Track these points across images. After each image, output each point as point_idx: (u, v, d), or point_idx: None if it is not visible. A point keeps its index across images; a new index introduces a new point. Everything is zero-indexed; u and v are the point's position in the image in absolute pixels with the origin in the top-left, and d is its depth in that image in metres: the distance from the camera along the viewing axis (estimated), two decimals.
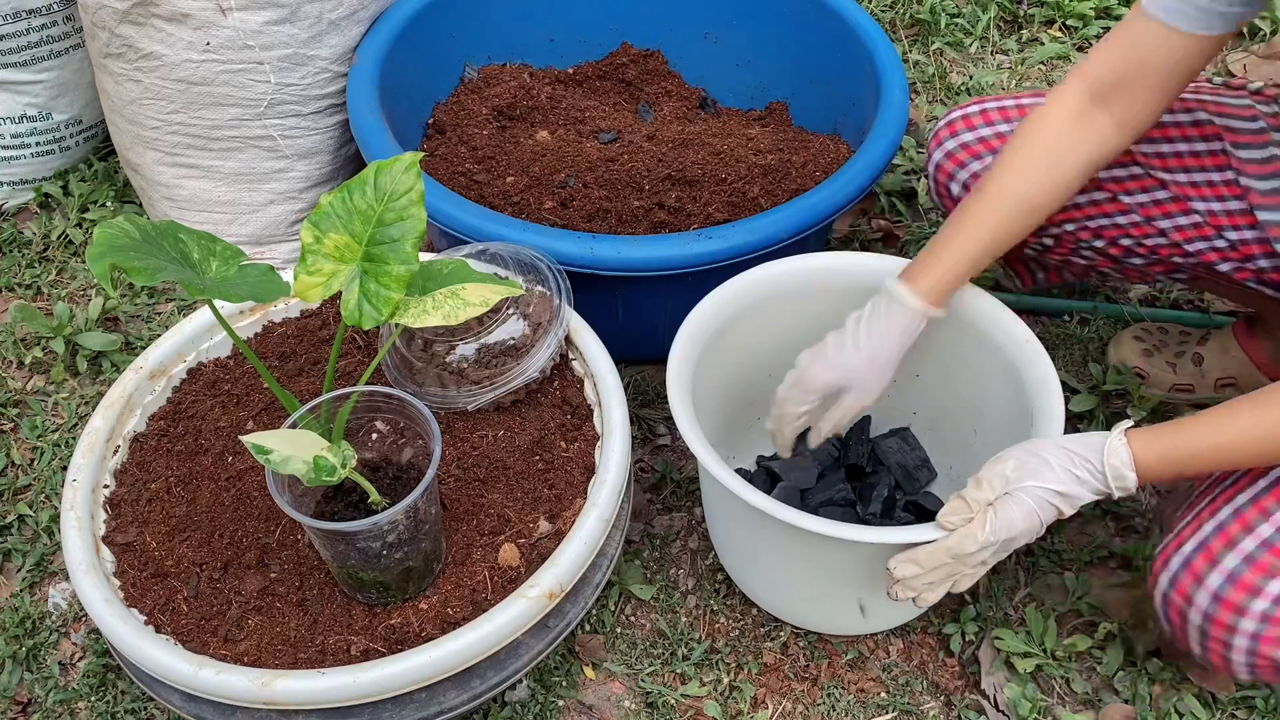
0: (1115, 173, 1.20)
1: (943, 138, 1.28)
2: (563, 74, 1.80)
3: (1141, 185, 1.19)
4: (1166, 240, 1.20)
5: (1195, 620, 1.00)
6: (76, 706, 1.20)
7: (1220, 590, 0.97)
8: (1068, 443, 0.99)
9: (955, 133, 1.27)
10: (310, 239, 1.00)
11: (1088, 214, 1.22)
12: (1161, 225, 1.19)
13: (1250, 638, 0.97)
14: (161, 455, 1.20)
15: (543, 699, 1.19)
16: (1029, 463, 0.98)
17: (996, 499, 0.98)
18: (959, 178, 1.27)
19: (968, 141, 1.26)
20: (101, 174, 1.79)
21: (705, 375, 1.19)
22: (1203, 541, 1.00)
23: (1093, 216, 1.22)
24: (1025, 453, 0.99)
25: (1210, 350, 1.44)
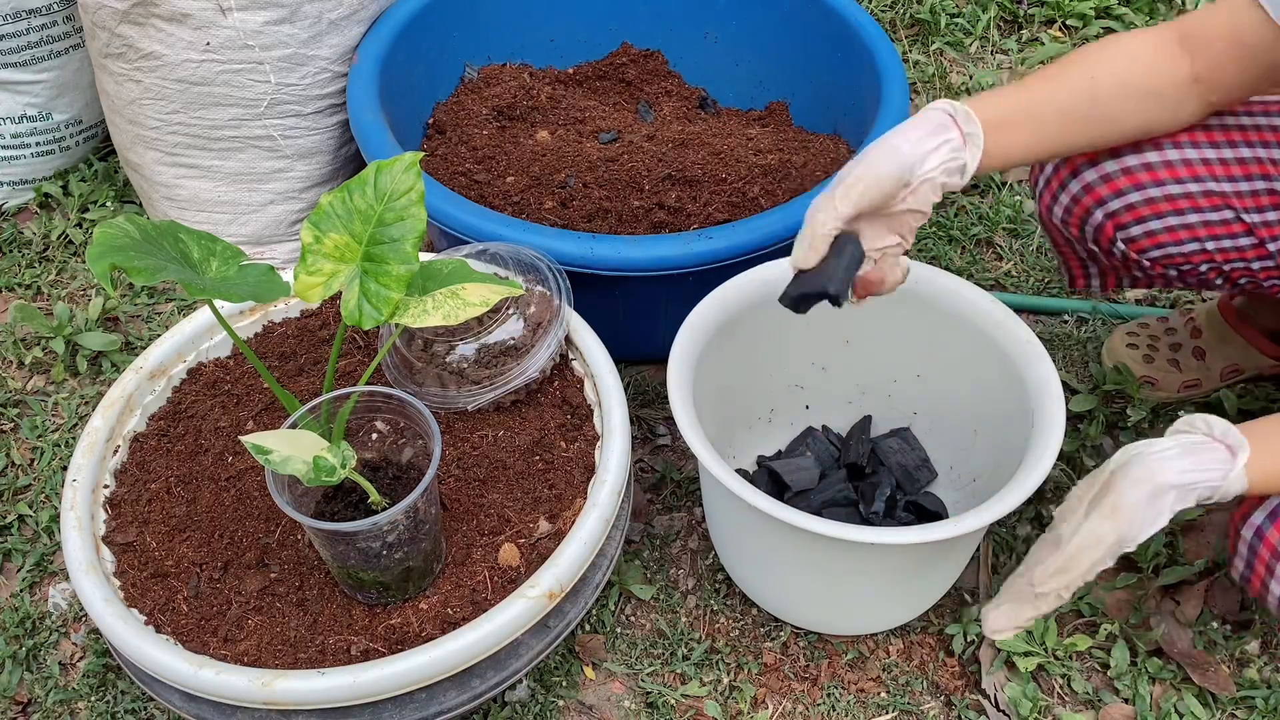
0: (1268, 215, 1.12)
1: (1095, 154, 1.14)
2: (563, 74, 1.80)
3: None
4: (1273, 263, 1.15)
5: None
6: (76, 706, 1.20)
7: None
8: (1173, 479, 0.92)
9: (1116, 151, 1.13)
10: (310, 239, 1.00)
11: (1228, 257, 1.14)
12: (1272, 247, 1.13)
13: None
14: (161, 455, 1.20)
15: (543, 699, 1.19)
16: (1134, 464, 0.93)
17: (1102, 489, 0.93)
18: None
19: (1130, 167, 1.13)
20: (101, 174, 1.79)
21: (705, 375, 1.19)
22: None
23: (1231, 260, 1.14)
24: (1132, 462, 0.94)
25: (1209, 342, 1.44)
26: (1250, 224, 1.12)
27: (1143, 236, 1.13)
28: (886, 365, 1.33)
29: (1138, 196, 1.12)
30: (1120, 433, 1.42)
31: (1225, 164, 1.12)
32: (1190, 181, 1.11)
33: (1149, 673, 1.20)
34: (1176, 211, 1.12)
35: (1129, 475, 0.92)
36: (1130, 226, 1.13)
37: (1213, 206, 1.12)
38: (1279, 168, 1.13)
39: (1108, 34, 2.06)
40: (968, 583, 1.29)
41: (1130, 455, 0.94)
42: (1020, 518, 1.34)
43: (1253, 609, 1.25)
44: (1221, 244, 1.13)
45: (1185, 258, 1.14)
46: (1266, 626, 1.24)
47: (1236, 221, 1.12)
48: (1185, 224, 1.12)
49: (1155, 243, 1.13)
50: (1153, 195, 1.11)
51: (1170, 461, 0.92)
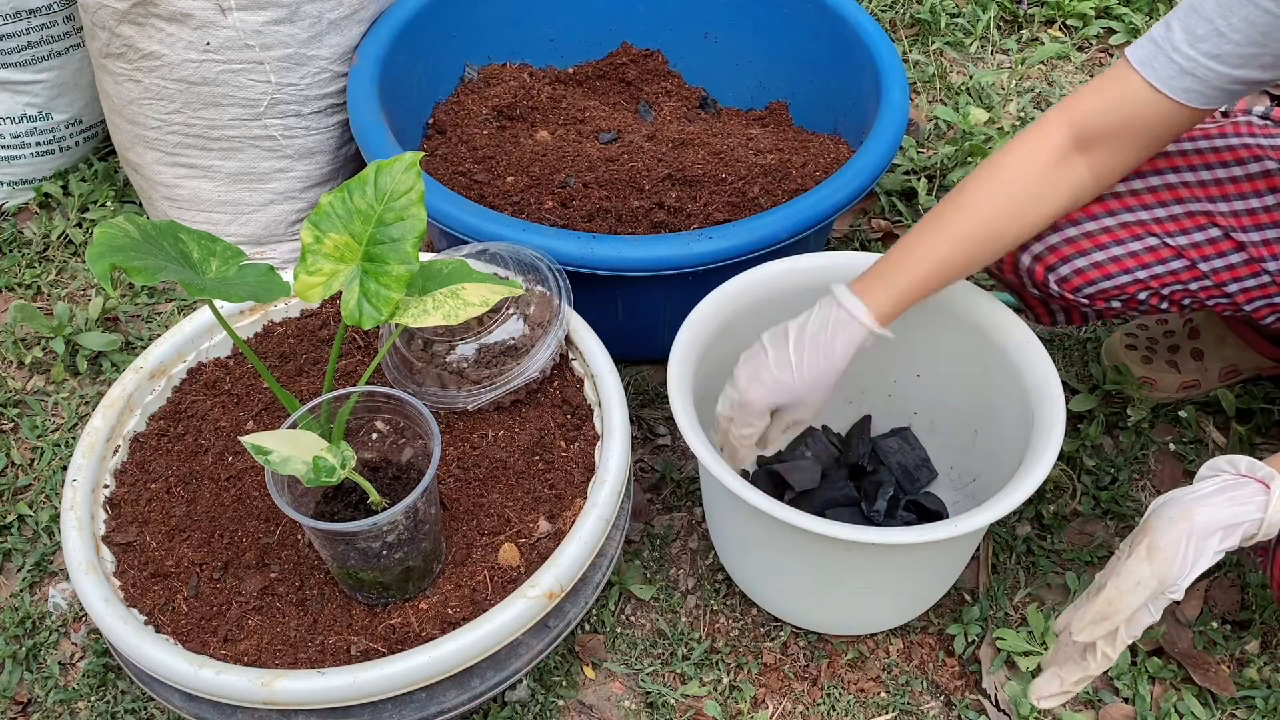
0: (1194, 237, 1.13)
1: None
2: (563, 74, 1.80)
3: (1219, 250, 1.13)
4: (1228, 300, 1.16)
5: None
6: (76, 706, 1.20)
7: None
8: (1209, 520, 0.89)
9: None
10: (310, 239, 1.00)
11: (1163, 283, 1.14)
12: (1230, 289, 1.15)
13: None
14: (161, 455, 1.20)
15: (543, 699, 1.19)
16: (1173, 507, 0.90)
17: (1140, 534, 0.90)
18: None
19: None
20: (101, 174, 1.79)
21: (705, 375, 1.19)
22: None
23: (1166, 284, 1.15)
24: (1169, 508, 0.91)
25: (1207, 343, 1.44)
26: (1176, 247, 1.13)
27: (1073, 275, 1.14)
28: (886, 365, 1.33)
29: (1056, 238, 1.13)
30: (1120, 433, 1.42)
31: (1136, 194, 1.14)
32: (1106, 217, 1.13)
33: (1149, 672, 1.20)
34: (1099, 247, 1.13)
35: (1163, 516, 0.90)
36: (1058, 267, 1.14)
37: (1134, 236, 1.13)
38: (1190, 189, 1.14)
39: (1107, 34, 2.07)
40: (968, 583, 1.29)
41: (1163, 500, 0.92)
42: (1020, 518, 1.34)
43: (1252, 608, 1.25)
44: (1153, 270, 1.14)
45: (1120, 289, 1.14)
46: (1266, 626, 1.24)
47: (1163, 247, 1.13)
48: (1111, 257, 1.13)
49: (1086, 280, 1.14)
50: (1071, 235, 1.13)
51: (1206, 499, 0.89)
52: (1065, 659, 0.94)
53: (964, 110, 1.86)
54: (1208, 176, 1.14)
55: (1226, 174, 1.14)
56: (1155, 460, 1.41)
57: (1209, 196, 1.14)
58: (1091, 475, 1.38)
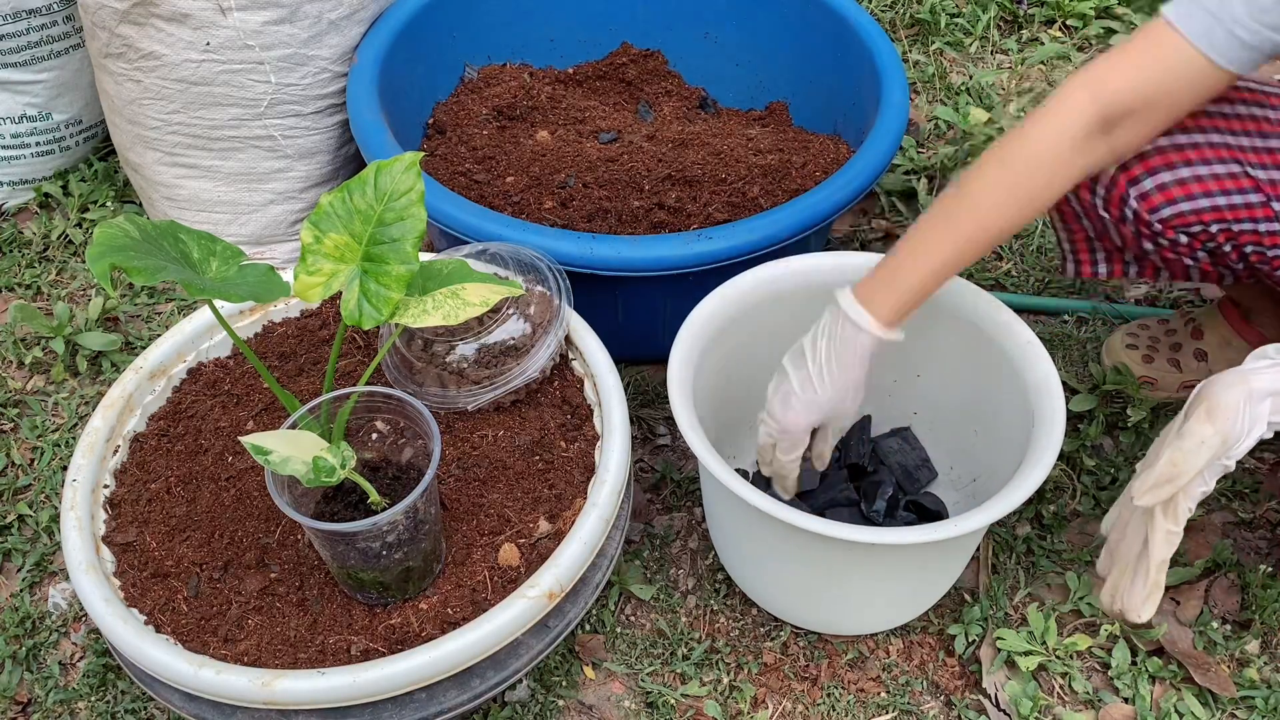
0: (1274, 174, 1.11)
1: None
2: (563, 74, 1.80)
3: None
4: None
5: None
6: (76, 706, 1.20)
7: None
8: (1267, 386, 0.91)
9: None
10: (310, 239, 1.00)
11: (1238, 215, 1.12)
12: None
13: None
14: (161, 455, 1.20)
15: (543, 699, 1.19)
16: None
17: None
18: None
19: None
20: (101, 174, 1.79)
21: (705, 375, 1.19)
22: None
23: (1241, 218, 1.12)
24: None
25: (1211, 344, 1.43)
26: (1257, 179, 1.11)
27: (1155, 191, 1.12)
28: (886, 365, 1.33)
29: (1148, 146, 1.11)
30: (1120, 433, 1.42)
31: (1240, 119, 1.12)
32: (1197, 133, 1.11)
33: (1149, 672, 1.20)
34: (1186, 162, 1.11)
35: (1219, 382, 0.91)
36: (1142, 180, 1.12)
37: (1220, 159, 1.11)
38: (1274, 125, 1.12)
39: (1107, 34, 2.07)
40: (968, 583, 1.29)
41: (1214, 376, 0.92)
42: (1020, 518, 1.34)
43: (1252, 608, 1.26)
44: (1232, 199, 1.12)
45: (1197, 215, 1.12)
46: (1266, 626, 1.24)
47: (1245, 176, 1.11)
48: (1196, 175, 1.11)
49: (1167, 198, 1.12)
50: (1162, 144, 1.11)
51: (1259, 371, 0.91)
52: (1127, 557, 0.94)
53: (964, 110, 1.86)
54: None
55: None
56: None
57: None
58: (1091, 475, 1.38)
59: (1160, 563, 0.93)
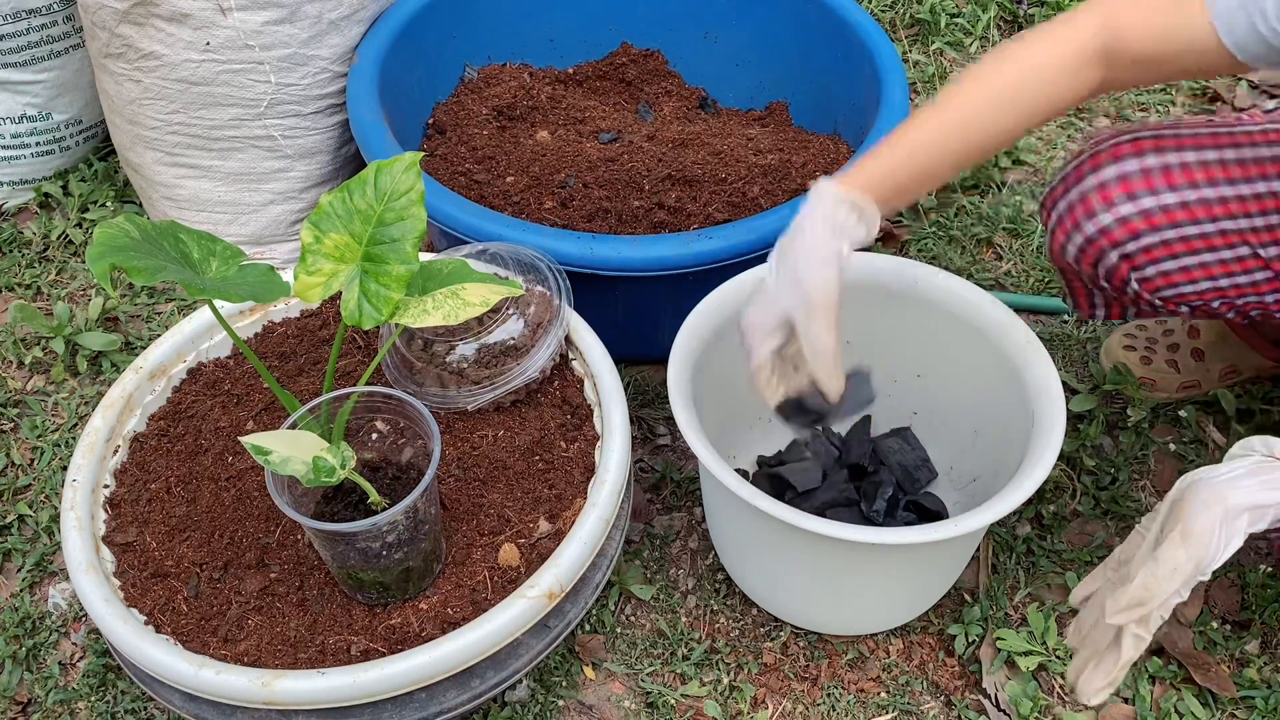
0: (1271, 253, 1.11)
1: (1113, 198, 1.10)
2: (563, 74, 1.80)
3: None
4: None
5: None
6: (76, 706, 1.20)
7: None
8: (1240, 504, 0.88)
9: (1132, 195, 1.10)
10: (310, 239, 1.00)
11: (1242, 292, 1.12)
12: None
13: None
14: (161, 455, 1.20)
15: (543, 699, 1.19)
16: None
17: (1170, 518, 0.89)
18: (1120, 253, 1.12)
19: (1148, 210, 1.09)
20: (101, 174, 1.79)
21: (705, 375, 1.19)
22: None
23: (1245, 294, 1.13)
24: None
25: (1208, 344, 1.44)
26: (1266, 259, 1.10)
27: (1157, 277, 1.12)
28: (886, 365, 1.33)
29: (1154, 239, 1.10)
30: (1120, 433, 1.42)
31: (1243, 201, 1.10)
32: (1207, 222, 1.09)
33: (1149, 672, 1.20)
34: (1191, 252, 1.10)
35: (1197, 499, 0.89)
36: (1145, 268, 1.12)
37: (1228, 245, 1.10)
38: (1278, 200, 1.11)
39: None
40: (968, 583, 1.29)
41: (1192, 481, 0.90)
42: (1020, 518, 1.34)
43: (1252, 608, 1.26)
44: (1236, 280, 1.12)
45: (1198, 295, 1.13)
46: (1266, 626, 1.24)
47: (1252, 257, 1.11)
48: (1201, 263, 1.11)
49: (1169, 282, 1.12)
50: (1168, 238, 1.10)
51: (1238, 482, 0.88)
52: (1096, 645, 0.93)
53: None
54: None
55: None
56: (1155, 460, 1.40)
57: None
58: (1091, 475, 1.38)
59: (1126, 663, 0.92)
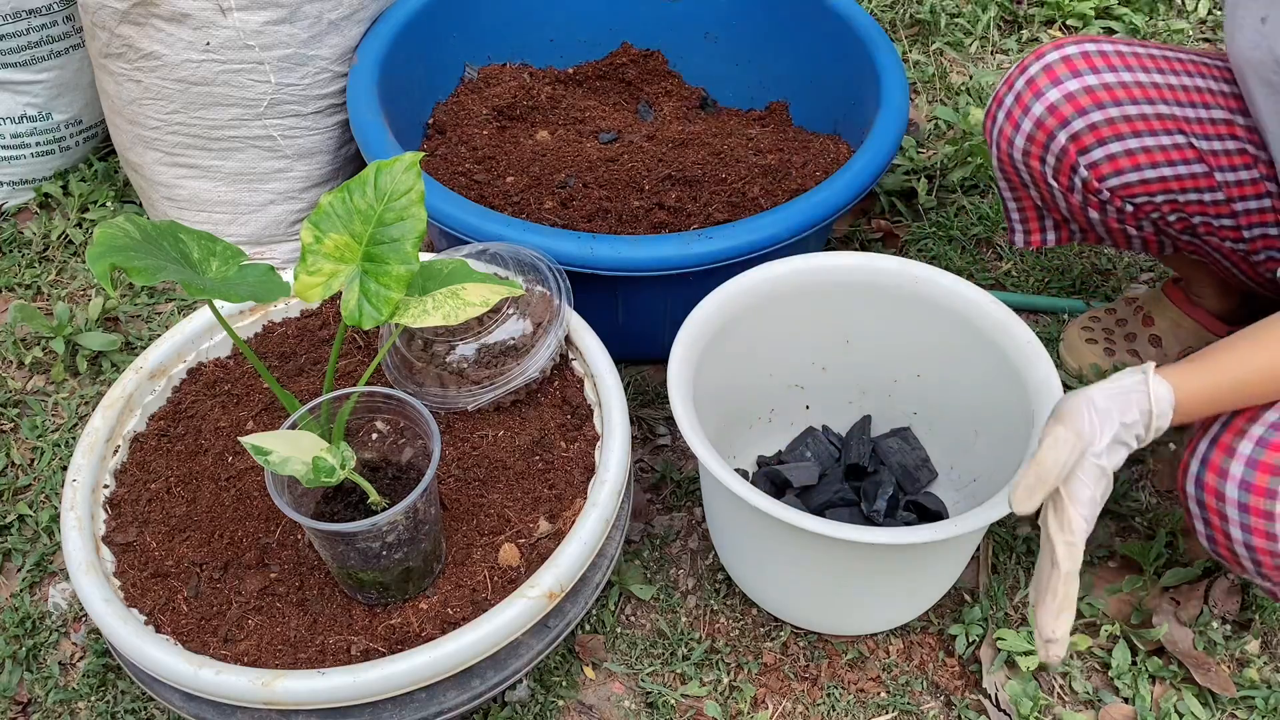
0: (1215, 145, 1.16)
1: (1059, 75, 1.13)
2: (563, 74, 1.80)
3: (1232, 163, 1.16)
4: (1232, 222, 1.18)
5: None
6: (76, 706, 1.20)
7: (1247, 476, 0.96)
8: (1104, 399, 0.93)
9: (1077, 72, 1.13)
10: (310, 239, 1.00)
11: (1184, 185, 1.16)
12: (1238, 207, 1.17)
13: None
14: (161, 455, 1.20)
15: (543, 699, 1.19)
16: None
17: None
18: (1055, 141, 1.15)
19: (1091, 86, 1.14)
20: (101, 174, 1.79)
21: (705, 375, 1.19)
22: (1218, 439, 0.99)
23: (1187, 189, 1.16)
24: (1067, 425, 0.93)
25: (1163, 330, 1.46)
26: (1200, 150, 1.15)
27: (1104, 161, 1.15)
28: (886, 365, 1.33)
29: (1099, 116, 1.14)
30: None
31: (1174, 90, 1.15)
32: (1146, 104, 1.14)
33: (1149, 672, 1.20)
34: (1134, 134, 1.14)
35: (1061, 401, 0.95)
36: (1092, 149, 1.14)
37: (1165, 130, 1.14)
38: (1215, 97, 1.16)
39: (1106, 34, 2.06)
40: (968, 583, 1.29)
41: None
42: (1020, 518, 1.34)
43: (1252, 608, 1.25)
44: (1178, 170, 1.15)
45: (1144, 187, 1.15)
46: (1266, 626, 1.24)
47: (1189, 147, 1.15)
48: (1143, 146, 1.14)
49: (1115, 168, 1.15)
50: (1112, 115, 1.14)
51: (1092, 387, 0.94)
52: (1038, 581, 0.94)
53: (964, 110, 1.86)
54: (1229, 89, 1.17)
55: (1245, 89, 1.14)
56: (1155, 460, 1.40)
57: (1230, 108, 1.16)
58: None
59: (1067, 574, 0.92)
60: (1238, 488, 0.97)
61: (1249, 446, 0.97)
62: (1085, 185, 1.17)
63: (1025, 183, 1.24)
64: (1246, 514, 0.98)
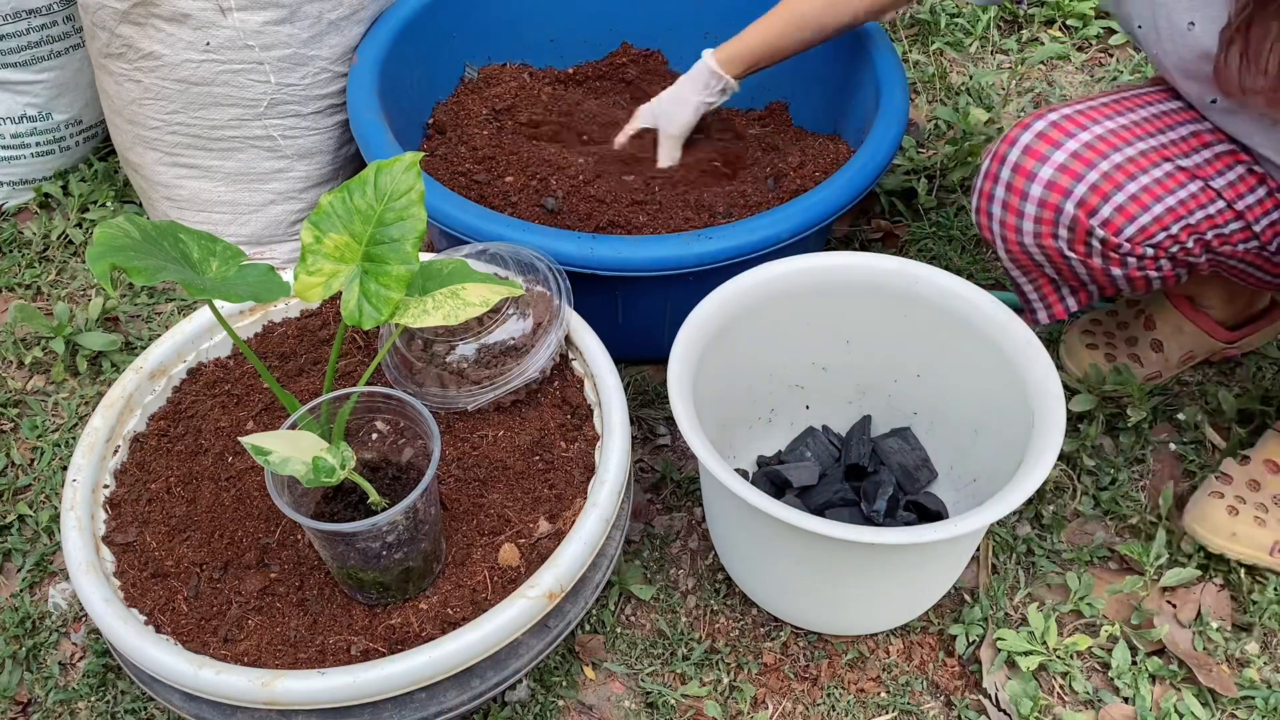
0: (1195, 160, 1.18)
1: (1042, 152, 1.17)
2: (563, 74, 1.80)
3: (1218, 168, 1.18)
4: (1254, 238, 1.19)
5: None
6: (76, 706, 1.20)
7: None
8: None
9: (1057, 142, 1.17)
10: (310, 239, 1.00)
11: (1188, 209, 1.17)
12: (1239, 207, 1.18)
13: None
14: (161, 455, 1.20)
15: (543, 699, 1.19)
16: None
17: None
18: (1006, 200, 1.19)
19: (1077, 150, 1.17)
20: (101, 174, 1.79)
21: (705, 375, 1.19)
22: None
23: (1193, 211, 1.17)
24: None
25: (1165, 334, 1.45)
26: (1188, 169, 1.17)
27: (1115, 215, 1.15)
28: (886, 365, 1.33)
29: (1095, 174, 1.14)
30: (1120, 433, 1.42)
31: (1150, 120, 1.19)
32: (1127, 146, 1.16)
33: (1149, 672, 1.20)
34: (1130, 177, 1.15)
35: None
36: (1100, 208, 1.14)
37: (1153, 164, 1.16)
38: (1186, 114, 1.21)
39: (1107, 34, 2.07)
40: (968, 583, 1.29)
41: None
42: (1020, 518, 1.34)
43: (1252, 610, 1.25)
44: (1179, 195, 1.16)
45: (1158, 223, 1.15)
46: (1266, 628, 1.24)
47: (1178, 171, 1.17)
48: (1143, 186, 1.15)
49: (1127, 217, 1.15)
50: (1106, 169, 1.14)
51: None
52: None
53: (964, 110, 1.86)
54: (1180, 104, 1.21)
55: (1184, 90, 1.21)
56: (1155, 460, 1.41)
57: (1192, 118, 1.20)
58: (1091, 475, 1.38)
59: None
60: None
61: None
62: (1104, 244, 1.16)
63: (1039, 263, 1.22)
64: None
